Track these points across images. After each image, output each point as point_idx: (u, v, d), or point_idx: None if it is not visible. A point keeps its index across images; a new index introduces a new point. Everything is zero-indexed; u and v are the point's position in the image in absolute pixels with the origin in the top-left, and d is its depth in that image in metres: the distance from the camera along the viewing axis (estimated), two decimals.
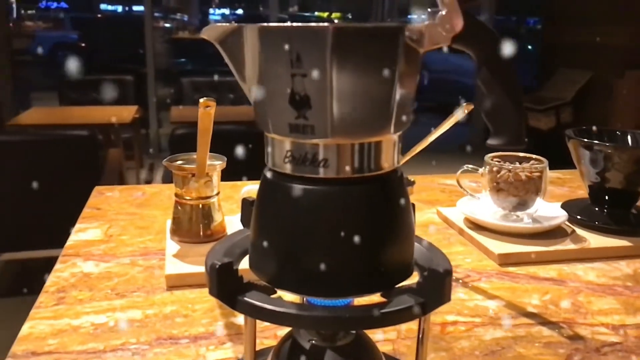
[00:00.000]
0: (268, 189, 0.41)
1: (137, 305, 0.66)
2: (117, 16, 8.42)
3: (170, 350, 0.57)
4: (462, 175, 0.94)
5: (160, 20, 7.55)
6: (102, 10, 9.03)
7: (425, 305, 0.39)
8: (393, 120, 0.39)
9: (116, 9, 9.06)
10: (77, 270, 0.74)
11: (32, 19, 7.92)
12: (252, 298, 0.38)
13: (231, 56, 0.40)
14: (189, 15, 8.35)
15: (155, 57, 4.90)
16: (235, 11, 9.08)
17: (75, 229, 0.89)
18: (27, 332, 0.60)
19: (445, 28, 0.39)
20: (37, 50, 7.23)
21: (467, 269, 0.79)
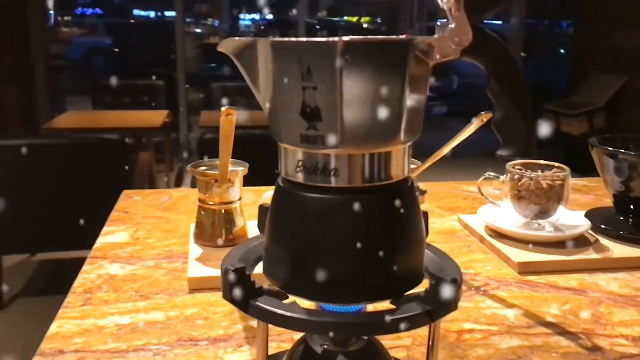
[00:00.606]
0: (281, 197, 0.42)
1: (159, 307, 0.68)
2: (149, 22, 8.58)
3: (190, 352, 0.59)
4: (483, 182, 0.94)
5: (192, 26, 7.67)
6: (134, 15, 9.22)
7: (433, 313, 0.40)
8: (402, 131, 0.40)
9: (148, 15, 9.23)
10: (103, 272, 0.77)
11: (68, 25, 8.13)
12: (264, 303, 0.40)
13: (246, 68, 0.41)
14: (219, 21, 8.46)
15: (185, 62, 4.98)
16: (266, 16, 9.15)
17: (103, 231, 0.91)
18: (55, 331, 0.62)
19: (454, 41, 0.40)
20: (72, 56, 7.42)
21: (487, 276, 0.79)
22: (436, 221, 1.00)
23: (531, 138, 0.42)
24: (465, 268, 0.81)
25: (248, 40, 0.40)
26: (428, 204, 1.10)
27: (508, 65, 0.41)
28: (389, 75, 0.37)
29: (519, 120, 0.42)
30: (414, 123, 0.41)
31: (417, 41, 0.39)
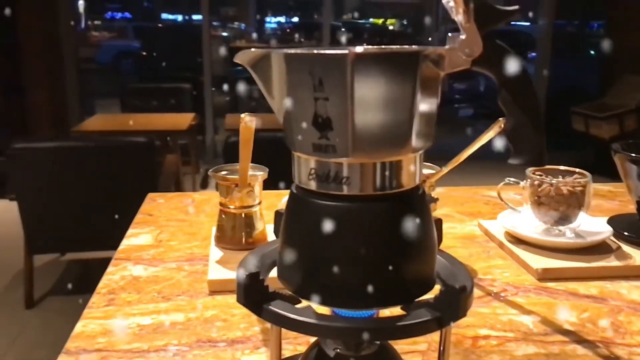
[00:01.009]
0: (294, 204, 0.43)
1: (180, 308, 0.70)
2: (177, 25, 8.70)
3: (209, 353, 0.61)
4: (503, 187, 0.94)
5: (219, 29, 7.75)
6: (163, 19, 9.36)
7: (442, 320, 0.40)
8: (413, 141, 0.41)
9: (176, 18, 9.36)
10: (127, 274, 0.79)
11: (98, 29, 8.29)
12: (277, 307, 0.41)
13: (261, 79, 0.43)
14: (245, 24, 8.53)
15: (212, 65, 5.04)
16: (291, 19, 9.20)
17: (128, 234, 0.94)
18: (80, 330, 0.65)
19: (464, 52, 0.40)
20: (102, 59, 7.57)
21: (505, 283, 0.79)
22: (456, 226, 1.00)
23: (542, 147, 0.42)
24: (484, 274, 0.81)
25: (262, 52, 0.41)
26: (448, 209, 1.10)
27: (519, 76, 0.41)
28: (399, 86, 0.38)
29: (530, 129, 0.42)
30: (425, 132, 0.42)
31: (428, 52, 0.40)
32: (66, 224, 2.46)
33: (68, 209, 2.43)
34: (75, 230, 2.49)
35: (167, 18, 9.44)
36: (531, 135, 0.42)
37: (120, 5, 9.23)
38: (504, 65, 0.41)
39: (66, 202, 2.40)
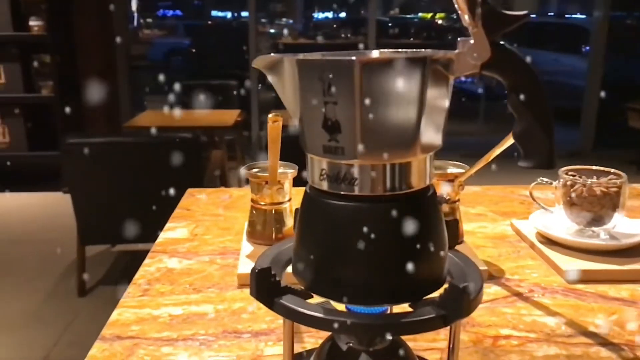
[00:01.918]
0: (307, 203, 0.45)
1: (210, 300, 0.73)
2: (225, 22, 8.83)
3: (233, 343, 0.63)
4: (536, 187, 0.93)
5: (267, 26, 7.83)
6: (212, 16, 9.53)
7: (447, 318, 0.41)
8: (422, 144, 0.42)
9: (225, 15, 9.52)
10: (162, 266, 0.83)
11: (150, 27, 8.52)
12: (288, 301, 0.43)
13: (276, 82, 0.45)
14: (293, 20, 8.58)
15: None
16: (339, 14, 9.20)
17: (166, 228, 0.98)
18: (115, 319, 0.68)
19: (473, 57, 0.41)
20: (153, 56, 7.78)
21: (532, 283, 0.78)
22: (488, 225, 1.00)
23: (552, 150, 0.43)
24: (511, 274, 0.81)
25: (277, 57, 0.43)
26: (482, 208, 1.09)
27: (528, 80, 0.42)
28: (405, 91, 0.39)
29: (540, 133, 0.42)
30: (434, 135, 0.43)
31: (437, 56, 0.41)
32: (116, 216, 2.55)
33: (118, 202, 2.53)
34: (124, 222, 2.58)
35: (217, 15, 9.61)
36: (541, 139, 0.42)
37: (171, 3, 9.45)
38: (514, 69, 0.42)
39: (116, 196, 2.50)
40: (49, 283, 2.70)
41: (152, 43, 8.06)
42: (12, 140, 3.84)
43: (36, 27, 3.65)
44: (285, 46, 6.56)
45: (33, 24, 3.64)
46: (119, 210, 2.51)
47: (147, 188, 2.45)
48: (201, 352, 0.62)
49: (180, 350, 0.62)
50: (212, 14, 9.59)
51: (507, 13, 0.40)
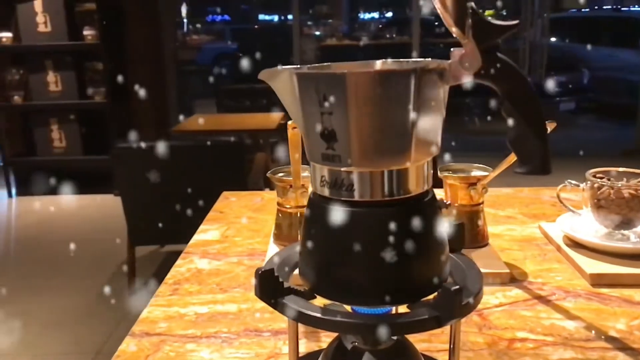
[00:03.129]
0: (311, 208, 0.48)
1: (234, 299, 0.76)
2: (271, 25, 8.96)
3: (253, 341, 0.66)
4: (563, 189, 0.92)
5: (312, 28, 7.89)
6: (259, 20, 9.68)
7: (440, 319, 0.42)
8: (416, 151, 0.43)
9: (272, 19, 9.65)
10: (192, 267, 0.87)
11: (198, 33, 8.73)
12: (290, 301, 0.45)
13: (280, 94, 0.47)
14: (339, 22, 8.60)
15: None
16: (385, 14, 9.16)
17: (199, 230, 1.02)
18: (145, 316, 0.73)
19: (465, 66, 0.42)
20: (201, 61, 7.97)
21: (555, 286, 0.78)
22: (516, 228, 0.99)
23: (547, 156, 0.43)
24: (535, 277, 0.81)
25: (279, 70, 0.46)
26: (512, 210, 1.09)
27: (521, 87, 0.42)
28: (396, 101, 0.41)
29: (533, 139, 0.43)
30: (429, 142, 0.44)
31: (431, 67, 0.42)
32: (164, 218, 2.64)
33: (166, 204, 2.61)
34: (172, 224, 2.66)
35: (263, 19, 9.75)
36: (535, 145, 0.43)
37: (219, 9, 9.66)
38: (506, 77, 0.43)
39: (165, 198, 2.58)
40: (102, 281, 2.82)
41: (200, 48, 8.25)
42: (68, 145, 4.02)
43: (89, 36, 3.81)
44: (329, 48, 6.59)
45: (87, 34, 3.81)
46: (167, 212, 2.60)
47: (194, 190, 2.53)
48: (222, 349, 0.65)
49: (203, 347, 0.65)
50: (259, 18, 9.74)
51: (496, 23, 0.41)
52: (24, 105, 3.97)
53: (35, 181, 4.28)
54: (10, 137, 4.13)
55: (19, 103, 3.95)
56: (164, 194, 2.55)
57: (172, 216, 2.61)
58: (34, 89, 3.92)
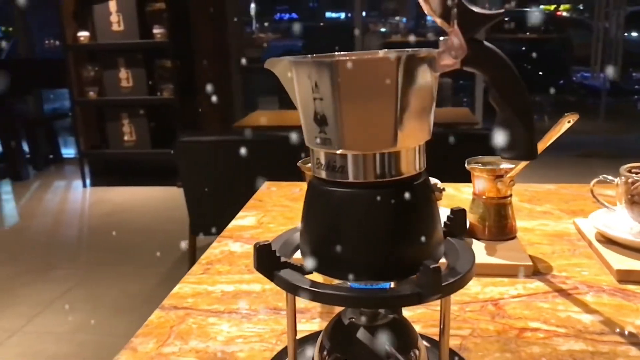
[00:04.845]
0: (310, 190, 0.51)
1: (259, 280, 0.80)
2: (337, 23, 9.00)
3: (271, 318, 0.70)
4: (597, 185, 0.90)
5: (379, 25, 7.87)
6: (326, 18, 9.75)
7: (421, 295, 0.44)
8: (404, 137, 0.45)
9: (339, 16, 9.69)
10: (225, 249, 0.92)
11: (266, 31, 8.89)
12: (285, 274, 0.49)
13: (283, 80, 0.50)
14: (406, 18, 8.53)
15: None
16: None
17: (237, 216, 1.07)
18: (176, 292, 0.78)
19: (451, 54, 0.44)
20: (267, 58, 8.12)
21: (579, 281, 0.77)
22: (549, 224, 0.98)
23: (533, 142, 0.44)
24: (560, 271, 0.80)
25: (280, 59, 0.49)
26: (549, 206, 1.07)
27: (506, 74, 0.44)
28: (379, 87, 0.43)
29: (520, 125, 0.44)
30: (419, 127, 0.46)
31: (418, 55, 0.45)
32: (224, 209, 2.73)
33: (225, 196, 2.71)
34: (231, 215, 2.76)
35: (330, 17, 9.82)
36: (521, 131, 0.44)
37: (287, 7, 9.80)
38: (492, 64, 0.44)
39: (224, 190, 2.68)
40: (164, 269, 2.96)
41: (267, 46, 8.41)
42: (137, 139, 4.23)
43: (159, 34, 3.99)
44: (393, 44, 6.56)
45: (156, 32, 3.99)
46: (226, 204, 2.69)
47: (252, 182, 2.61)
48: (241, 324, 0.69)
49: (224, 322, 0.70)
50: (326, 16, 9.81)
51: (480, 12, 0.43)
52: (98, 100, 4.21)
53: (107, 173, 4.53)
54: (86, 130, 4.39)
55: (94, 98, 4.19)
56: (224, 186, 2.65)
57: (231, 207, 2.71)
58: (107, 85, 4.15)
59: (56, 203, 4.30)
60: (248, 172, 2.61)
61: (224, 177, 2.65)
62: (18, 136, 4.87)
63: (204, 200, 2.74)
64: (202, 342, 0.65)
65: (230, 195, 2.65)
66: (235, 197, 2.72)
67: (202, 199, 2.74)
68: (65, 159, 5.33)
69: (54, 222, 3.84)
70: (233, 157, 2.67)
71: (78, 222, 3.90)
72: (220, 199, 2.69)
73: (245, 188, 2.72)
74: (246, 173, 2.61)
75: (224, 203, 2.71)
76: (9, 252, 3.27)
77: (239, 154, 2.65)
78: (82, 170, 4.40)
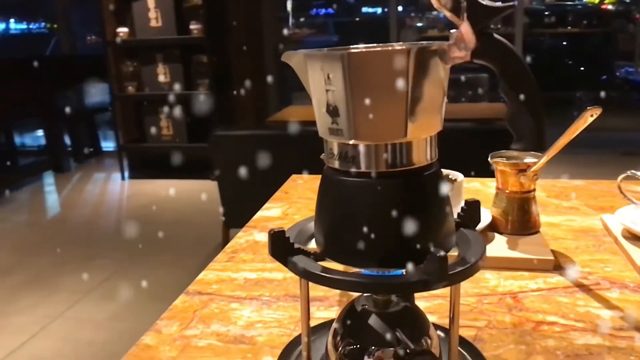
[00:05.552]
0: (324, 180, 0.52)
1: (281, 268, 0.81)
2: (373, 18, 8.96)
3: (290, 305, 0.72)
4: (625, 180, 0.89)
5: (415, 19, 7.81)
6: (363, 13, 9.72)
7: (428, 282, 0.45)
8: (415, 127, 0.46)
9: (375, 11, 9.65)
10: (250, 239, 0.94)
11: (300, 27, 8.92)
12: (298, 260, 0.50)
13: (298, 73, 0.52)
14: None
15: None
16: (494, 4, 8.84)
17: (263, 207, 1.10)
18: (201, 278, 0.81)
19: (460, 46, 0.45)
20: None
21: (601, 277, 0.77)
22: (576, 219, 0.97)
23: (542, 133, 0.45)
24: (583, 266, 0.80)
25: (295, 53, 0.50)
26: (577, 202, 1.06)
27: (515, 66, 0.44)
28: (390, 80, 0.44)
29: (528, 117, 0.44)
30: (430, 119, 0.47)
31: (429, 48, 0.45)
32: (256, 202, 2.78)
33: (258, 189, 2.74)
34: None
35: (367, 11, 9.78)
36: (530, 123, 0.45)
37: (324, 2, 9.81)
38: (502, 57, 0.45)
39: (257, 184, 2.71)
40: (199, 260, 3.02)
41: (302, 41, 8.44)
42: (174, 133, 4.32)
43: (196, 30, 4.06)
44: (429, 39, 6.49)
45: (193, 28, 4.06)
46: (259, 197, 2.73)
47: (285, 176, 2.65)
48: (261, 310, 0.71)
49: (245, 307, 0.72)
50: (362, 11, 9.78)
51: (490, 5, 0.43)
52: (136, 95, 4.32)
53: (145, 166, 4.64)
54: (125, 124, 4.51)
55: (133, 93, 4.29)
56: (257, 180, 2.68)
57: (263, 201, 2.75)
58: (145, 80, 4.25)
59: (96, 195, 4.43)
60: (281, 166, 2.65)
61: (257, 171, 2.69)
62: (60, 130, 5.03)
63: (237, 193, 2.78)
64: (223, 326, 0.68)
65: (263, 188, 2.69)
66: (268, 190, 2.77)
67: (236, 192, 2.79)
68: (104, 152, 5.48)
69: (93, 213, 3.96)
70: (265, 151, 2.70)
71: (116, 214, 4.01)
72: (253, 193, 2.72)
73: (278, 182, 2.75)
74: (279, 167, 2.65)
75: (257, 196, 2.75)
76: (52, 242, 3.39)
77: (272, 148, 2.69)
78: (121, 163, 4.52)
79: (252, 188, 2.70)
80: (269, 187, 2.78)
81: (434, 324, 0.58)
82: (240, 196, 2.77)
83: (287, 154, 2.66)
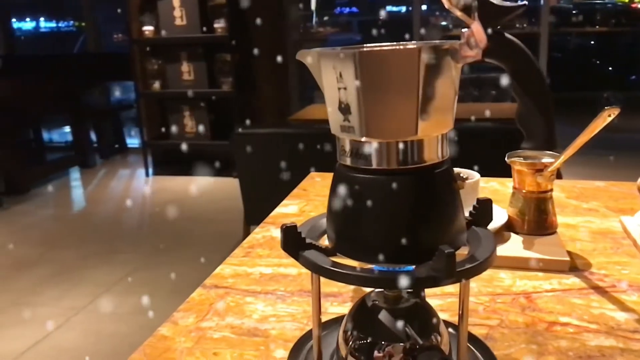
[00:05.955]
0: (336, 177, 0.53)
1: (297, 264, 0.82)
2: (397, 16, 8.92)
3: (304, 300, 0.73)
4: None
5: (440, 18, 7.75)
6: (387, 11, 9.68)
7: (436, 279, 0.46)
8: (426, 125, 0.47)
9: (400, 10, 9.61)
10: (267, 235, 0.95)
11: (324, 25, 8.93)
12: (310, 255, 0.51)
13: (312, 71, 0.53)
14: None
15: None
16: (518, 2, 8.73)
17: (281, 204, 1.11)
18: (217, 272, 0.82)
19: (472, 45, 0.45)
20: None
21: (617, 279, 0.76)
22: (594, 221, 0.96)
23: (552, 133, 0.45)
24: (599, 268, 0.79)
25: (309, 51, 0.51)
26: (596, 203, 1.05)
27: (527, 66, 0.44)
28: (400, 78, 0.45)
29: (539, 116, 0.45)
30: (440, 117, 0.48)
31: (441, 47, 0.46)
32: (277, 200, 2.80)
33: (279, 187, 2.76)
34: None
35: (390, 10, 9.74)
36: (540, 122, 0.45)
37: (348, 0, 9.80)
38: (513, 56, 0.45)
39: (278, 181, 2.74)
40: (220, 256, 3.04)
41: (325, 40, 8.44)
42: (198, 130, 4.37)
43: (219, 29, 4.10)
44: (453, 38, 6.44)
45: (217, 26, 4.10)
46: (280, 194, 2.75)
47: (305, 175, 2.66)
48: (275, 304, 0.72)
49: (260, 301, 0.73)
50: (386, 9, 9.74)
51: (501, 5, 0.44)
52: (161, 92, 4.37)
53: (169, 162, 4.70)
54: (149, 121, 4.57)
55: (157, 90, 4.35)
56: (278, 178, 2.70)
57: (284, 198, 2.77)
58: (169, 78, 4.30)
59: (120, 190, 4.50)
60: (302, 164, 2.67)
61: (278, 169, 2.70)
62: (86, 126, 5.13)
63: (258, 191, 2.80)
64: (237, 319, 0.69)
65: (283, 186, 2.71)
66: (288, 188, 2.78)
67: (257, 190, 2.81)
68: (129, 148, 5.56)
69: (117, 209, 4.03)
70: (286, 149, 2.72)
71: (140, 209, 4.07)
72: (274, 190, 2.74)
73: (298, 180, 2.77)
74: (300, 165, 2.66)
75: (278, 194, 2.78)
76: (77, 236, 3.46)
77: (294, 146, 2.70)
78: (145, 160, 4.59)
79: (273, 185, 2.72)
80: (290, 185, 2.80)
81: (446, 322, 0.59)
82: (261, 193, 2.79)
83: (308, 152, 2.68)
